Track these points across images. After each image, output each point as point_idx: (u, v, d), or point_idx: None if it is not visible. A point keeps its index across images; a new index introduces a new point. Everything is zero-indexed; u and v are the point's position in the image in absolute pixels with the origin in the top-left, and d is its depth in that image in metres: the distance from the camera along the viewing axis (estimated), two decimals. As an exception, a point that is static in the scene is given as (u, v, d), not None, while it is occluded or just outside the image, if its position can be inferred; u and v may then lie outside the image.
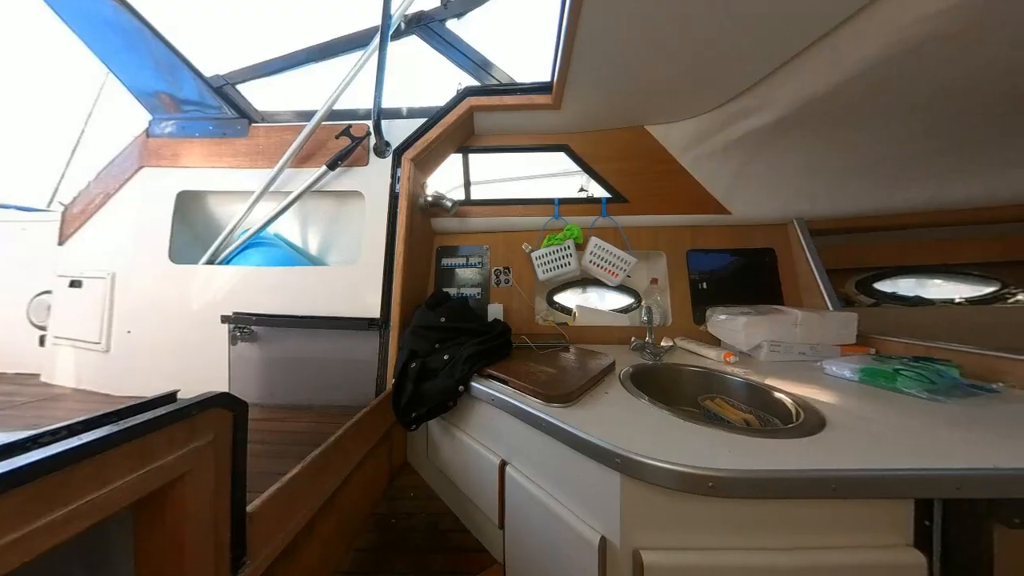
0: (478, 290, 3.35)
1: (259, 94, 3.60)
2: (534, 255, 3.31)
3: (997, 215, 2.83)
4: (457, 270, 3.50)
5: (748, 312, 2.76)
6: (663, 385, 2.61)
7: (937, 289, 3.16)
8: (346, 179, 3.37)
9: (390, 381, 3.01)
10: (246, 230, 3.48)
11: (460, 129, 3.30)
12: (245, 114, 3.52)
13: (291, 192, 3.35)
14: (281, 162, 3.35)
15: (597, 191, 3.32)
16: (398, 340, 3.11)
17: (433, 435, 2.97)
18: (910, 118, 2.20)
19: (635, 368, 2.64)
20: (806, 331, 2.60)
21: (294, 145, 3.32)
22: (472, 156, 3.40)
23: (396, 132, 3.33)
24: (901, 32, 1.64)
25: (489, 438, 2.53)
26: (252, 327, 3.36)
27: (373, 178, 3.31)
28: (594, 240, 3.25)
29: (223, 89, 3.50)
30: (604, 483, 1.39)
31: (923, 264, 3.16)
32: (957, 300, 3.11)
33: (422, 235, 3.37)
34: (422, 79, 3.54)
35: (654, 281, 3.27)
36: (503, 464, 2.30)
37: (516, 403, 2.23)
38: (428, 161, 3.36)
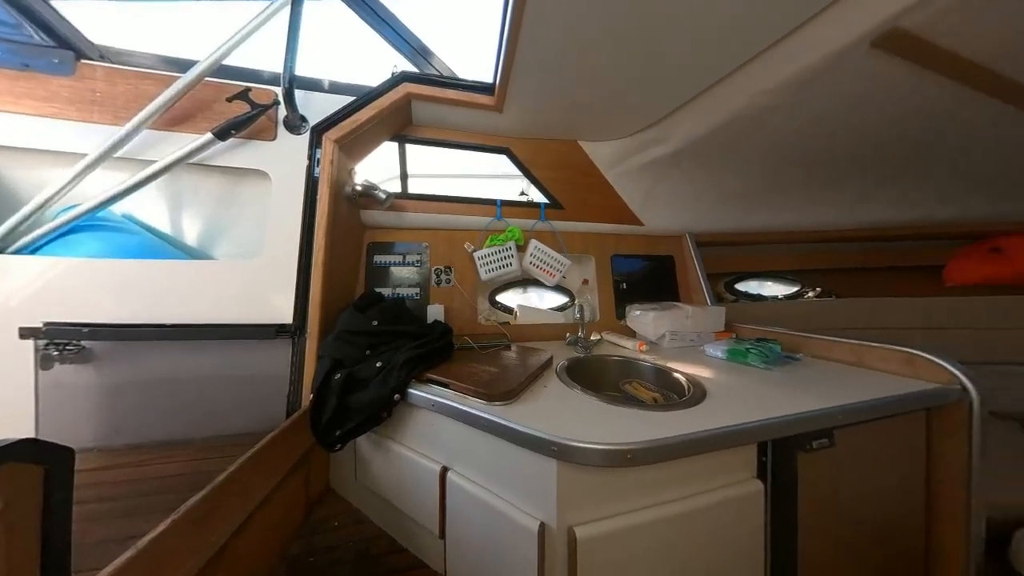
0: (416, 290, 1.14)
1: (99, 22, 0.83)
2: (476, 255, 1.17)
3: (797, 237, 1.43)
4: (392, 268, 1.13)
5: (656, 308, 1.12)
6: (592, 374, 0.92)
7: (769, 289, 1.66)
8: (243, 154, 0.87)
9: (307, 397, 0.79)
10: (71, 207, 0.89)
11: (395, 115, 0.99)
12: (68, 44, 0.81)
13: (155, 162, 0.80)
14: (137, 119, 0.79)
15: (537, 196, 1.40)
16: (318, 349, 0.79)
17: (363, 452, 0.81)
18: (754, 163, 1.10)
19: (570, 361, 0.93)
20: (694, 322, 1.13)
21: (160, 99, 0.76)
22: (411, 147, 1.14)
23: (315, 107, 0.90)
24: (748, 100, 0.80)
25: (429, 446, 0.71)
26: (81, 343, 0.78)
27: (283, 157, 0.88)
28: (534, 243, 1.20)
29: (26, 1, 0.96)
30: (542, 471, 0.52)
31: (762, 270, 1.62)
32: (779, 297, 1.62)
33: (349, 228, 1.03)
34: (349, 52, 1.12)
35: (585, 282, 1.31)
36: (444, 471, 0.66)
37: (458, 406, 0.64)
38: (357, 146, 0.99)
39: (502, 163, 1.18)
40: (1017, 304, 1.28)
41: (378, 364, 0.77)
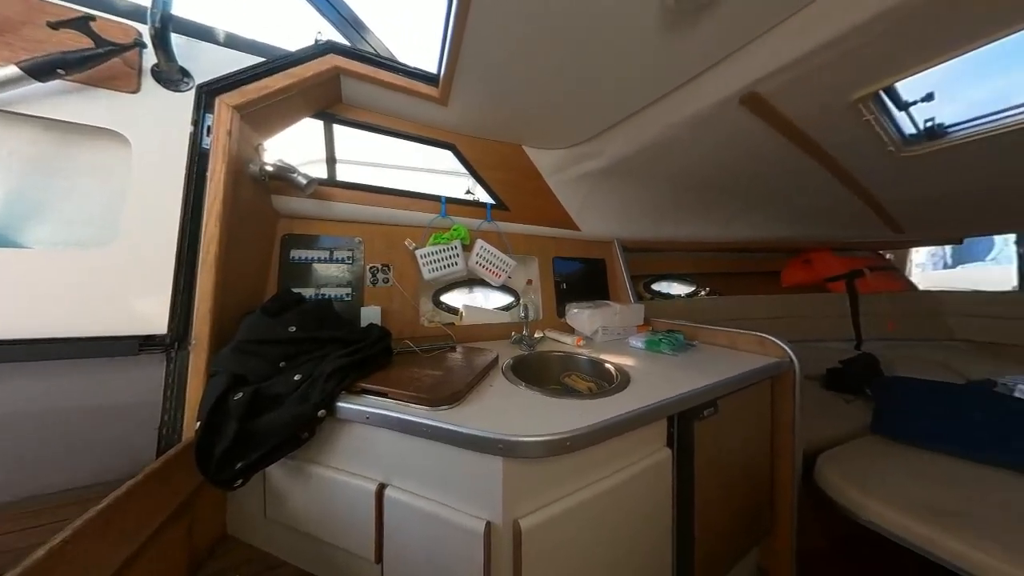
0: (348, 290, 0.98)
1: None
2: (419, 253, 1.09)
3: (693, 247, 1.76)
4: (316, 265, 0.95)
5: (590, 306, 1.23)
6: (536, 370, 0.98)
7: (675, 289, 1.95)
8: (82, 105, 0.62)
9: (191, 427, 0.51)
10: None
11: (320, 90, 0.85)
12: None
13: None
14: None
15: (483, 196, 1.37)
16: (207, 365, 0.59)
17: (274, 484, 0.65)
18: (664, 184, 1.32)
19: (515, 359, 0.94)
20: (621, 318, 1.24)
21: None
22: (343, 130, 0.98)
23: (204, 61, 0.70)
24: (660, 131, 0.94)
25: (362, 463, 0.62)
26: None
27: (150, 117, 0.65)
28: (480, 242, 1.18)
29: None
30: (488, 470, 0.52)
31: (670, 273, 1.91)
32: (682, 295, 1.93)
33: (255, 215, 0.83)
34: (254, 3, 1.05)
35: (529, 282, 1.35)
36: (381, 488, 0.59)
37: (398, 415, 0.58)
38: (268, 117, 0.81)
39: (447, 159, 1.14)
40: (816, 299, 1.85)
41: (296, 377, 0.66)
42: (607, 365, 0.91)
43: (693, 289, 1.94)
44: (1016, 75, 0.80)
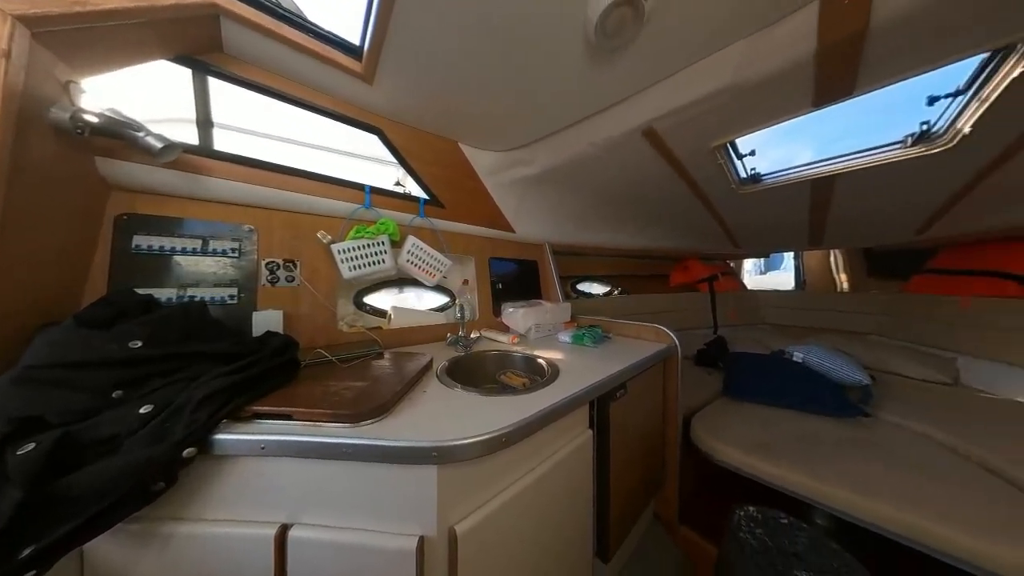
0: (232, 291, 0.74)
1: None
2: (336, 248, 0.91)
3: (609, 252, 2.02)
4: (179, 258, 0.67)
5: (524, 305, 1.30)
6: (472, 371, 0.98)
7: (595, 288, 2.17)
8: None
9: None
10: None
11: (184, 27, 0.62)
12: None
13: None
14: None
15: (416, 190, 1.24)
16: None
17: (103, 562, 0.38)
18: (587, 195, 1.42)
19: (450, 361, 0.92)
20: (551, 316, 1.31)
21: None
22: (227, 88, 0.71)
23: None
24: (583, 148, 1.05)
25: (256, 506, 0.48)
26: None
27: None
28: (412, 239, 1.07)
29: None
30: (422, 483, 0.47)
31: (592, 274, 2.11)
32: (601, 294, 2.16)
33: (62, 183, 0.54)
34: None
35: (465, 282, 1.29)
36: (283, 531, 0.46)
37: (309, 439, 0.47)
38: (92, 47, 0.55)
39: (374, 145, 1.02)
40: (691, 296, 2.39)
41: (144, 409, 0.49)
42: (539, 360, 0.96)
43: (609, 289, 2.24)
44: (791, 147, 1.21)
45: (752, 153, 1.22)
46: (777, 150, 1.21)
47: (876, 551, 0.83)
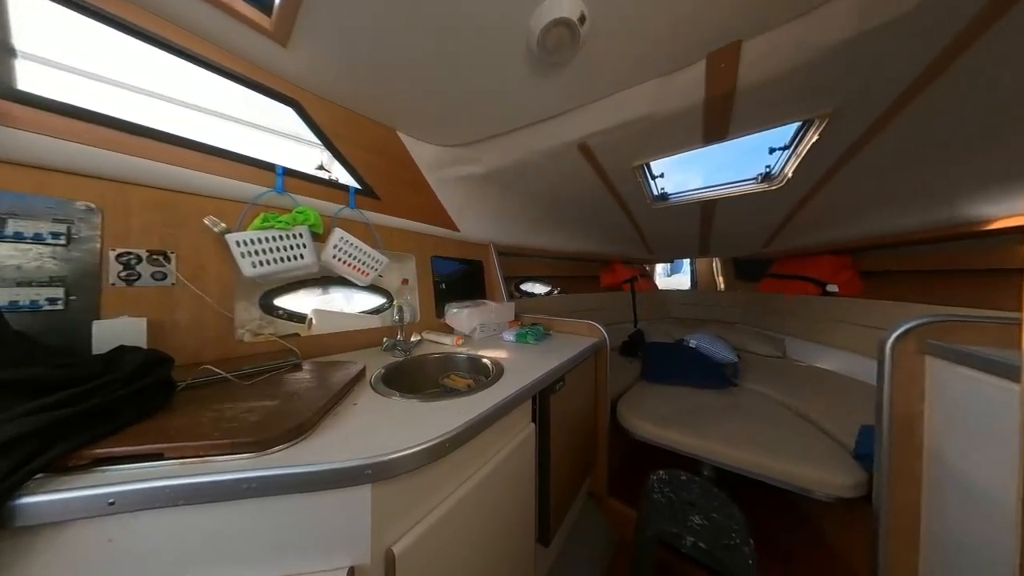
0: (55, 292, 0.49)
1: None
2: (234, 239, 0.72)
3: (548, 253, 2.14)
4: None
5: (469, 305, 1.31)
6: (413, 376, 0.95)
7: (537, 288, 2.27)
8: None
9: None
10: None
11: None
12: None
13: None
14: None
15: (345, 177, 1.05)
16: None
17: None
18: (529, 199, 1.48)
19: (387, 368, 0.84)
20: (496, 315, 1.36)
21: None
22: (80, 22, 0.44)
23: None
24: (526, 153, 1.10)
25: None
26: None
27: None
28: (340, 233, 0.93)
29: None
30: (352, 507, 0.41)
31: (533, 274, 2.18)
32: (542, 293, 2.26)
33: None
34: None
35: (405, 281, 1.22)
36: None
37: (188, 480, 0.35)
38: None
39: (295, 123, 0.86)
40: (617, 295, 2.72)
41: None
42: (484, 360, 0.96)
43: (550, 288, 2.39)
44: (688, 174, 1.50)
45: (662, 175, 1.46)
46: (679, 175, 1.49)
47: (739, 486, 1.09)
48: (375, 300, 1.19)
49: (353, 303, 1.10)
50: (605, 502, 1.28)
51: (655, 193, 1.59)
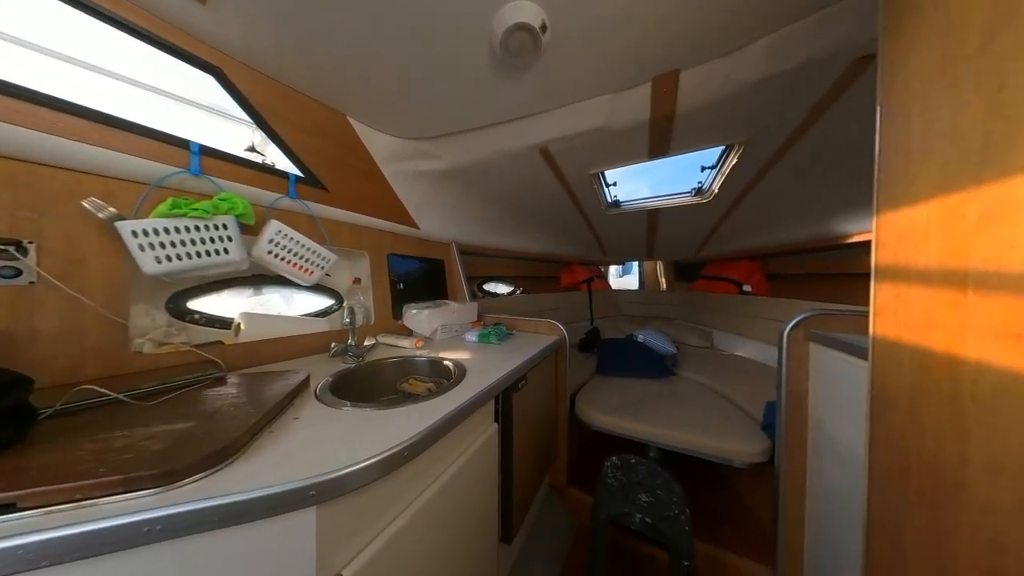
0: None
1: None
2: (130, 228, 0.56)
3: (510, 254, 2.15)
4: None
5: (430, 306, 1.27)
6: (367, 383, 0.87)
7: (500, 288, 2.22)
8: None
9: None
10: None
11: None
12: None
13: None
14: None
15: (284, 163, 0.89)
16: None
17: None
18: (491, 200, 1.49)
19: (336, 376, 0.76)
20: (458, 316, 1.35)
21: None
22: None
23: None
24: (488, 154, 1.08)
25: None
26: None
27: None
28: (276, 226, 0.80)
29: None
30: (293, 534, 0.34)
31: (497, 274, 2.17)
32: (505, 293, 2.25)
33: None
34: None
35: (357, 281, 1.10)
36: None
37: (58, 534, 0.25)
38: None
39: (216, 94, 0.73)
40: (575, 295, 2.87)
41: None
42: (446, 362, 0.93)
43: (512, 288, 2.41)
44: (638, 184, 1.65)
45: (615, 184, 1.58)
46: (630, 184, 1.62)
47: (679, 463, 1.23)
48: (322, 301, 1.07)
49: (294, 305, 0.98)
50: (565, 492, 1.34)
51: (609, 200, 1.71)
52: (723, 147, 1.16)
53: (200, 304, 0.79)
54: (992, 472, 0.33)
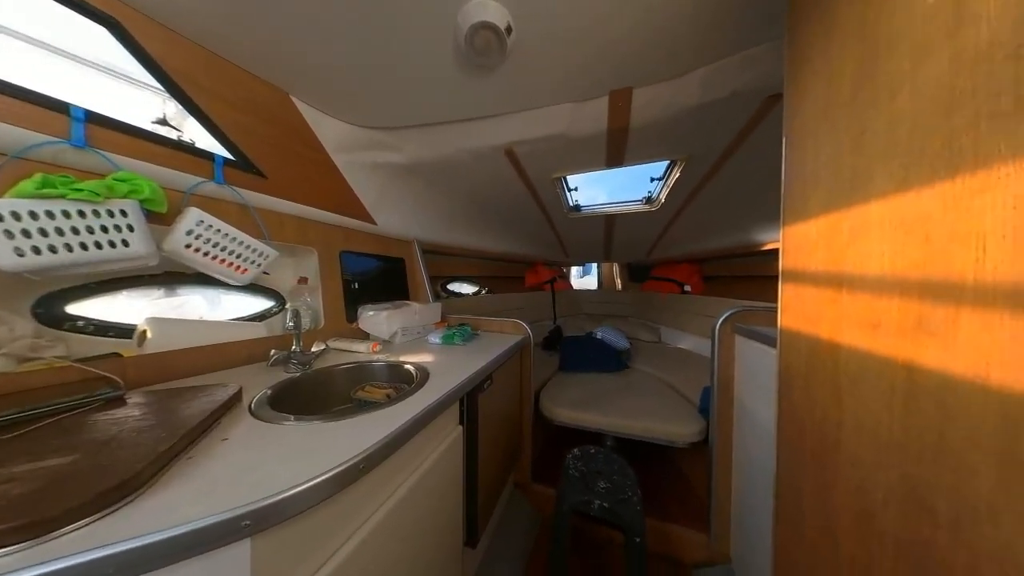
0: None
1: None
2: None
3: (476, 253, 2.13)
4: None
5: (389, 307, 1.21)
6: (316, 393, 0.80)
7: (465, 288, 2.18)
8: None
9: None
10: None
11: None
12: None
13: None
14: None
15: (209, 142, 0.72)
16: None
17: None
18: (456, 198, 1.48)
19: (276, 387, 0.68)
20: (420, 317, 1.32)
21: None
22: None
23: None
24: (453, 151, 1.10)
25: None
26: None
27: None
28: (198, 214, 0.66)
29: None
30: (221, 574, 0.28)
31: (462, 274, 2.12)
32: (470, 293, 2.22)
33: None
34: None
35: (303, 280, 0.96)
36: None
37: None
38: None
39: (106, 45, 0.59)
40: (539, 295, 2.95)
41: None
42: (407, 366, 0.89)
43: (478, 288, 2.39)
44: (596, 190, 1.76)
45: (576, 189, 1.66)
46: (591, 190, 1.72)
47: (634, 449, 1.34)
48: (259, 303, 0.94)
49: (221, 308, 0.85)
50: (530, 488, 1.37)
51: (571, 204, 1.79)
52: (669, 161, 1.30)
53: (87, 308, 0.64)
54: (857, 432, 0.42)
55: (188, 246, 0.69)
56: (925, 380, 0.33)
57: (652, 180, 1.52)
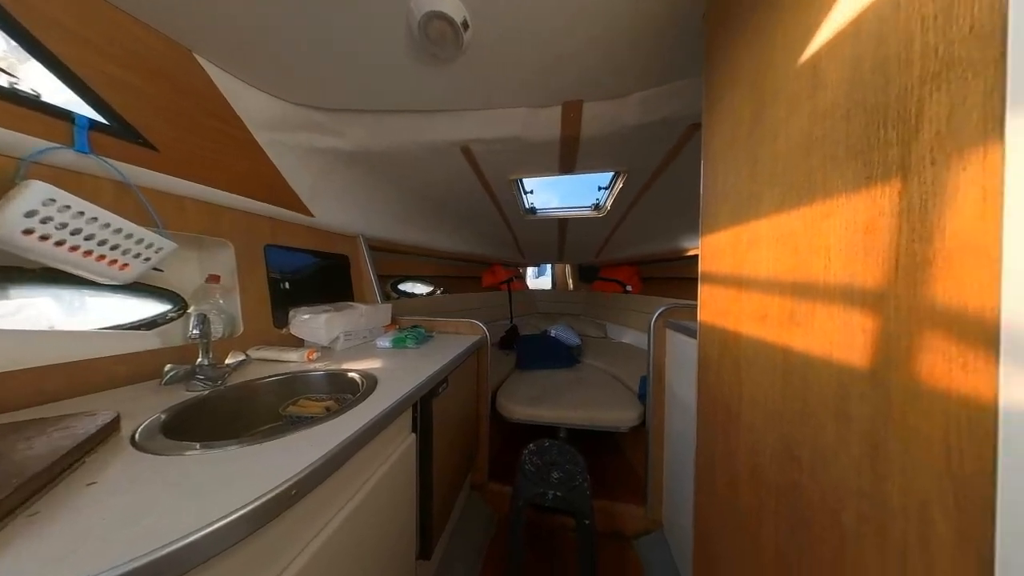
0: None
1: None
2: None
3: (430, 252, 2.06)
4: None
5: (329, 309, 1.09)
6: (232, 414, 0.68)
7: (418, 288, 2.07)
8: None
9: None
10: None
11: None
12: None
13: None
14: None
15: (66, 96, 0.49)
16: None
17: None
18: (407, 192, 1.42)
19: (173, 411, 0.56)
20: (367, 320, 1.23)
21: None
22: None
23: None
24: (406, 144, 1.04)
25: None
26: None
27: None
28: (44, 189, 0.46)
29: None
30: None
31: (416, 274, 1.99)
32: (423, 294, 2.10)
33: None
34: None
35: (214, 279, 0.76)
36: None
37: None
38: None
39: None
40: (496, 294, 2.97)
41: None
42: (351, 374, 0.81)
43: (432, 289, 2.29)
44: (551, 194, 1.84)
45: (532, 192, 1.71)
46: (545, 194, 1.79)
47: (585, 439, 1.44)
48: (148, 307, 0.75)
49: (87, 314, 0.66)
50: (486, 488, 1.37)
51: (527, 206, 1.85)
52: (613, 172, 1.43)
53: None
54: (751, 404, 0.52)
55: (30, 231, 0.52)
56: (795, 360, 0.42)
57: (600, 188, 1.66)
